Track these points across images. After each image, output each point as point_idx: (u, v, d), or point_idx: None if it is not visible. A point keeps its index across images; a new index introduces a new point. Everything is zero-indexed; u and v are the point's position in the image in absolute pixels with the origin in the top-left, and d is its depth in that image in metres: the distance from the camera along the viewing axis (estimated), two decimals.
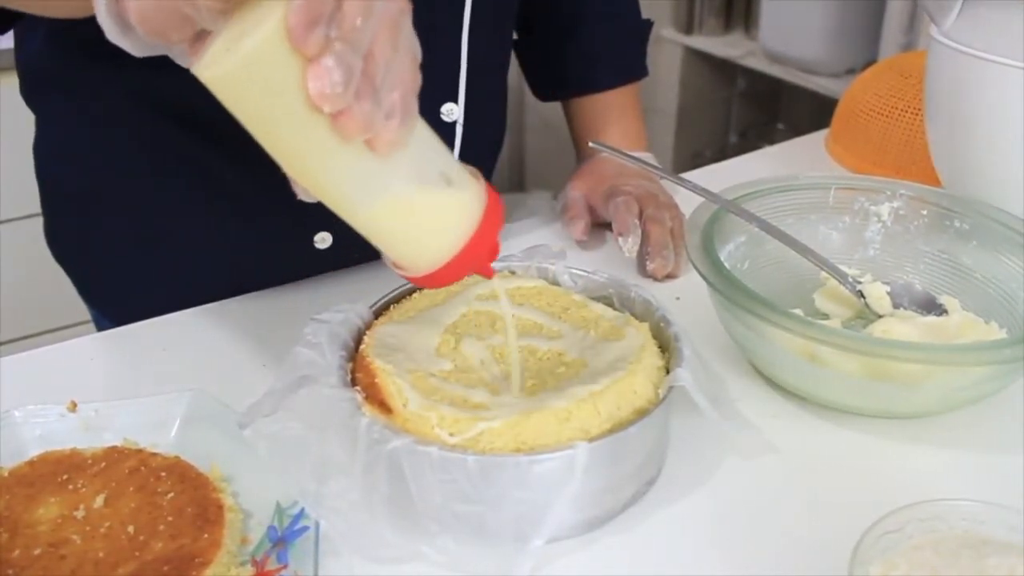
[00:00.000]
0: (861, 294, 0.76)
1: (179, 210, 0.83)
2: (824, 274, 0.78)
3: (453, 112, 0.81)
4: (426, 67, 0.77)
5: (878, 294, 0.76)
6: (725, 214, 0.74)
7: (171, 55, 0.48)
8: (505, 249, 0.73)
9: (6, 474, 0.58)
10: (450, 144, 0.83)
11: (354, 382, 0.59)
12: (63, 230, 0.90)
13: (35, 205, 1.83)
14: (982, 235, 0.77)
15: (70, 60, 0.79)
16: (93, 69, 0.77)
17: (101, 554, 0.52)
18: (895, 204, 0.81)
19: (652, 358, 0.62)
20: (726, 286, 0.65)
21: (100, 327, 0.94)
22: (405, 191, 0.49)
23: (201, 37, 0.45)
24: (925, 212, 0.80)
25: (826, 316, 0.78)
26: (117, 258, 0.88)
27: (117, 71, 0.75)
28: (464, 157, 0.83)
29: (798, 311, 0.71)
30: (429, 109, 0.80)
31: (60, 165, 0.88)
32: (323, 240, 0.83)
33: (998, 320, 0.72)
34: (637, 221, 0.86)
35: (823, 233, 0.82)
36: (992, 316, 0.73)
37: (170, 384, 0.67)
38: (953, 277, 0.78)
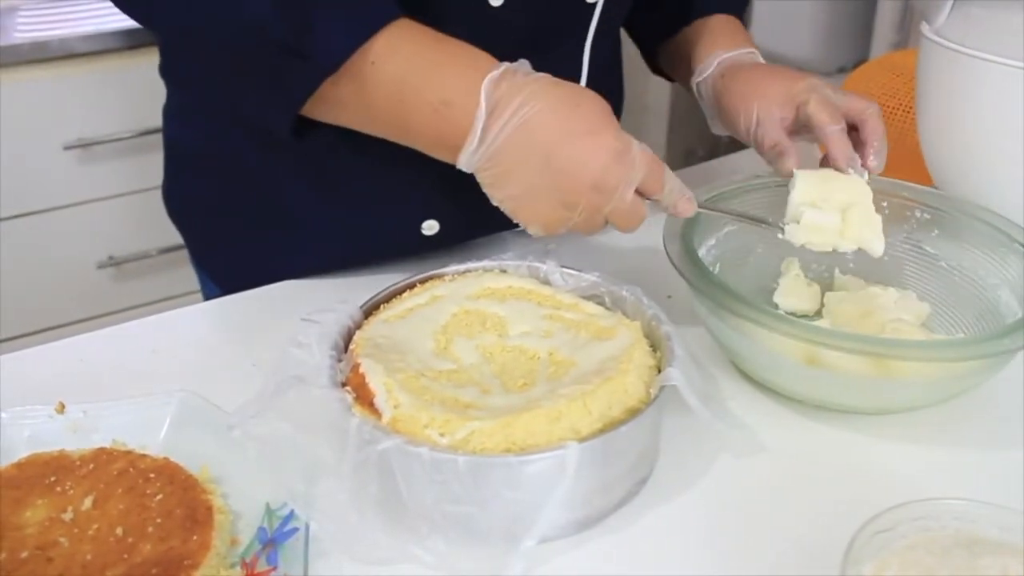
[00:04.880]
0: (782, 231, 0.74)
1: (287, 184, 0.84)
2: (781, 268, 0.79)
3: None
4: (552, 67, 0.77)
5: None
6: (699, 219, 0.74)
7: None
8: (500, 250, 0.73)
9: None
10: None
11: (344, 382, 0.59)
12: (179, 189, 0.93)
13: (35, 203, 1.84)
14: (943, 224, 0.78)
15: None
16: None
17: (89, 557, 0.52)
18: None
19: (643, 357, 0.61)
20: (717, 293, 0.65)
21: (206, 294, 0.97)
22: None
23: None
24: (885, 204, 0.79)
25: (792, 314, 0.78)
26: (224, 223, 0.90)
27: None
28: None
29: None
30: None
31: (183, 127, 0.90)
32: (430, 228, 0.83)
33: (969, 308, 0.74)
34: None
35: None
36: (960, 303, 0.75)
37: (159, 385, 0.66)
38: (918, 265, 0.79)
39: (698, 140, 2.52)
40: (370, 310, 0.67)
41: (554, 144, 0.64)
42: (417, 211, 0.82)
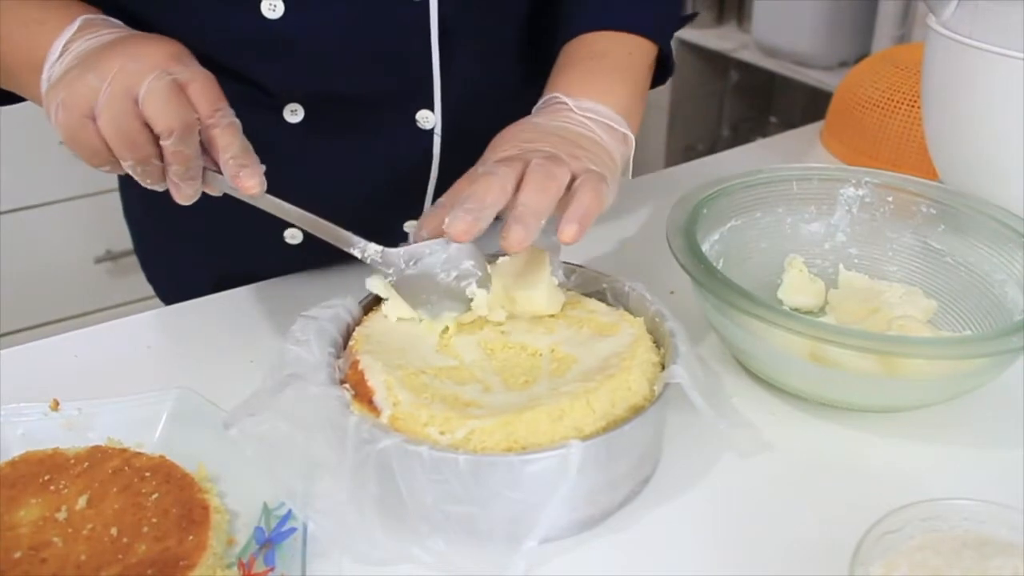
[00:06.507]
0: None
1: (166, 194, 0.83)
2: (785, 264, 0.78)
3: (428, 119, 0.78)
4: (396, 72, 0.76)
5: None
6: (702, 214, 0.73)
7: None
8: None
9: None
10: (429, 152, 0.80)
11: (343, 380, 0.58)
12: (126, 194, 0.97)
13: (33, 197, 1.83)
14: (949, 219, 0.77)
15: None
16: None
17: (83, 557, 0.51)
18: (860, 192, 0.80)
19: (647, 353, 0.61)
20: (721, 289, 0.64)
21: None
22: None
23: None
24: (891, 199, 0.79)
25: (796, 310, 0.78)
26: (146, 232, 0.94)
27: None
28: (446, 165, 0.81)
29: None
30: (403, 116, 0.78)
31: None
32: (293, 236, 0.81)
33: (975, 304, 0.73)
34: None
35: (790, 225, 0.81)
36: (966, 299, 0.74)
37: (156, 382, 0.66)
38: (923, 261, 0.78)
39: (698, 136, 2.52)
40: (369, 306, 0.66)
41: (113, 42, 0.61)
42: (277, 219, 0.73)
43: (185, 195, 0.61)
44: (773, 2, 2.07)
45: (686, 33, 2.33)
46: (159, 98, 0.57)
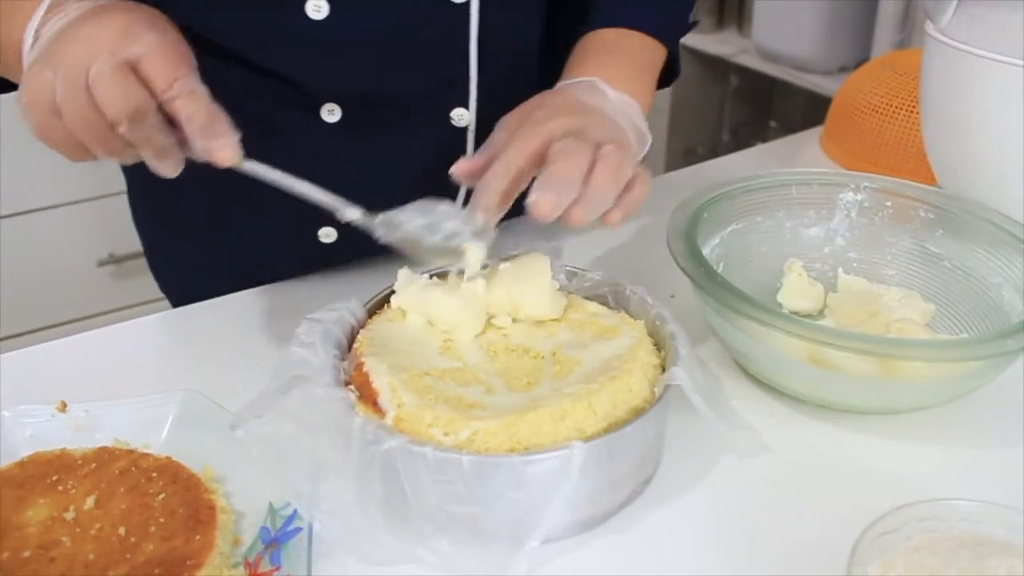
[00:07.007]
0: None
1: (189, 196, 0.83)
2: (784, 268, 0.79)
3: (463, 117, 0.80)
4: (434, 71, 0.77)
5: None
6: (701, 219, 0.74)
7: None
8: (500, 246, 0.73)
9: None
10: (462, 149, 0.81)
11: (348, 381, 0.59)
12: (134, 198, 0.96)
13: (36, 200, 1.83)
14: (947, 223, 0.77)
15: None
16: None
17: (91, 556, 0.52)
18: (859, 196, 0.81)
19: (648, 356, 0.61)
20: (721, 292, 0.65)
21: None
22: None
23: None
24: (889, 203, 0.80)
25: (796, 313, 0.78)
26: (157, 236, 0.93)
27: None
28: None
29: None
30: (439, 114, 0.79)
31: None
32: (327, 235, 0.82)
33: (973, 307, 0.73)
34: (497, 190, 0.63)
35: (790, 229, 0.82)
36: (964, 302, 0.74)
37: (162, 384, 0.66)
38: (922, 265, 0.78)
39: (699, 140, 2.53)
40: (373, 308, 0.67)
41: (69, 25, 0.58)
42: (312, 217, 0.73)
43: (165, 172, 0.60)
44: (773, 7, 2.08)
45: (687, 38, 2.32)
46: (102, 85, 0.54)
